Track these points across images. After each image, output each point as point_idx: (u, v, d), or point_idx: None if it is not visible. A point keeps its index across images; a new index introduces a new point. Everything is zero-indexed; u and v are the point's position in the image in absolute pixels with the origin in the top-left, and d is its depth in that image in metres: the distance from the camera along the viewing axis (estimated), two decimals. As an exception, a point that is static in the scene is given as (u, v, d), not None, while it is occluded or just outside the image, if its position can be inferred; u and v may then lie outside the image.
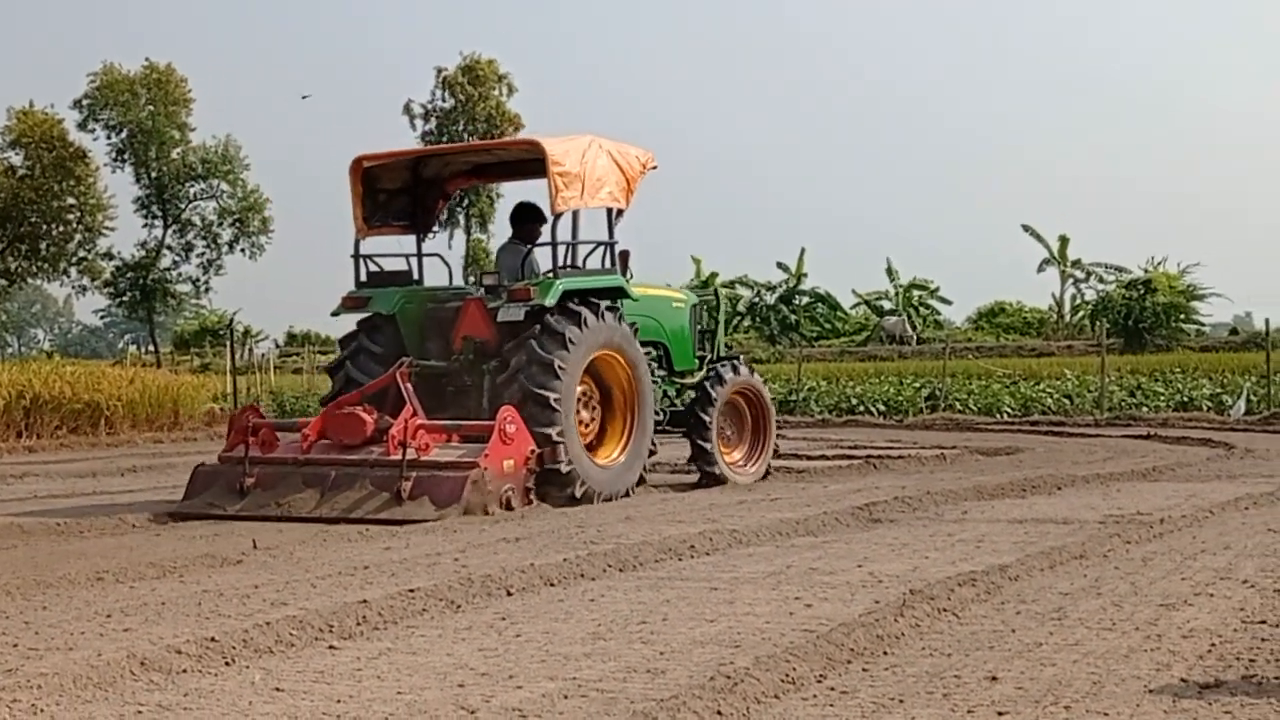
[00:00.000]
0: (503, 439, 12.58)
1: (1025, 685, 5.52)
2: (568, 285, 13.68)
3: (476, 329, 13.99)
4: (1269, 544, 9.48)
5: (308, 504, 12.53)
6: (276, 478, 12.96)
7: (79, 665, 6.07)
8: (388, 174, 15.24)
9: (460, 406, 13.87)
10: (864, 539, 10.26)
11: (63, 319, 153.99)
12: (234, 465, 13.22)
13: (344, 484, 12.57)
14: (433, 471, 12.43)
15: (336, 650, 6.55)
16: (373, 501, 12.33)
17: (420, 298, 14.60)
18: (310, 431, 13.33)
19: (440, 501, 12.12)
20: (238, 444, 13.34)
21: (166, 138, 57.51)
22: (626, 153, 14.79)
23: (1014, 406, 30.68)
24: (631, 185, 14.75)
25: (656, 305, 15.58)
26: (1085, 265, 70.29)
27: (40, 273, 56.82)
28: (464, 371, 14.08)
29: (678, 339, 15.82)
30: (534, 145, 14.25)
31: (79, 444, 25.25)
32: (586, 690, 5.64)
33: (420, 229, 15.49)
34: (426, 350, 14.24)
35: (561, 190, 13.70)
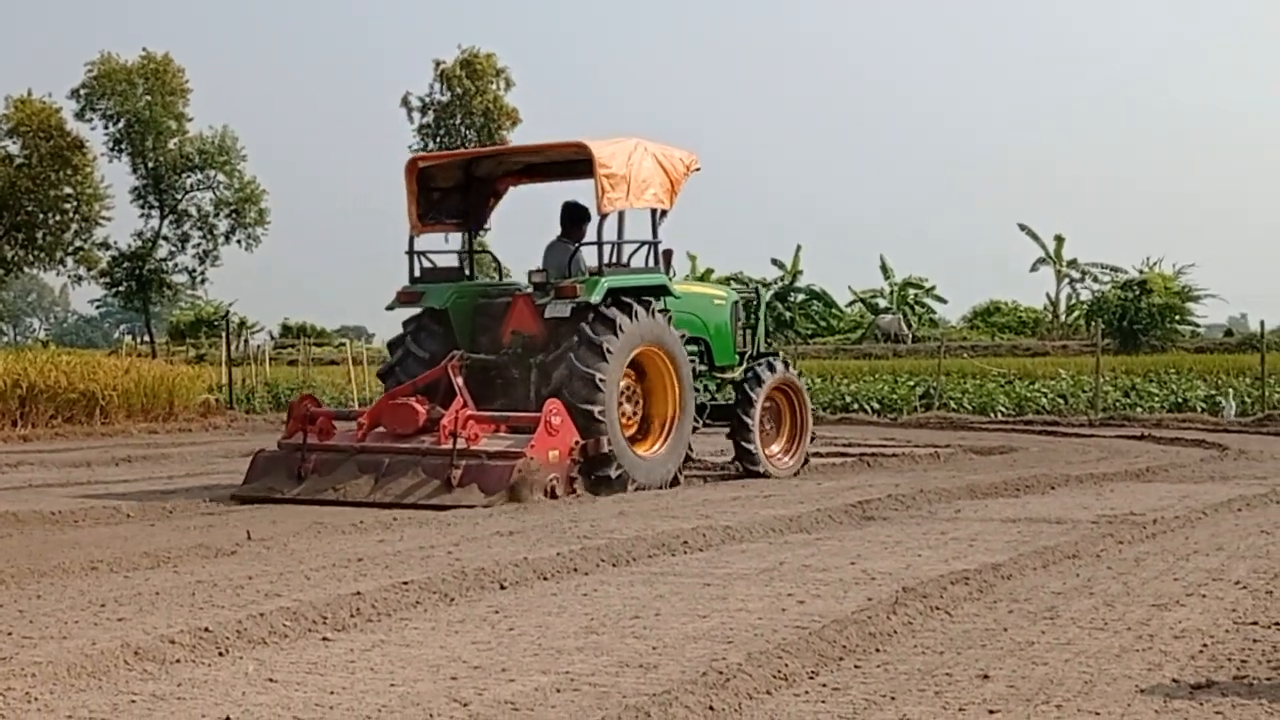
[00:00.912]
0: (549, 430, 13.16)
1: (1017, 684, 5.53)
2: (612, 283, 14.19)
3: (525, 324, 14.57)
4: (1261, 545, 9.50)
5: (362, 489, 13.08)
6: (333, 464, 13.57)
7: (73, 654, 6.08)
8: (441, 173, 15.85)
9: (508, 398, 14.45)
10: (857, 536, 10.27)
11: (58, 308, 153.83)
12: (293, 452, 13.87)
13: (397, 471, 13.13)
14: (481, 460, 12.98)
15: (330, 642, 6.56)
16: (424, 488, 12.86)
17: (471, 293, 15.25)
18: (366, 420, 13.97)
19: (488, 489, 12.65)
20: (296, 431, 14.03)
21: (164, 128, 57.35)
22: (670, 155, 15.29)
23: (1008, 406, 30.73)
24: (675, 186, 15.27)
25: (698, 302, 16.22)
26: (1081, 265, 70.33)
27: (36, 262, 56.66)
28: (512, 365, 14.65)
29: (719, 335, 16.41)
30: (582, 148, 14.63)
31: (74, 433, 25.25)
32: (579, 684, 5.65)
33: (472, 226, 16.20)
34: (476, 344, 14.84)
35: (608, 191, 14.25)
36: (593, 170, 14.23)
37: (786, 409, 16.70)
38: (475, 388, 14.03)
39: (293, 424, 14.26)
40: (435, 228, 15.80)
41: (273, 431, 26.86)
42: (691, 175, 15.64)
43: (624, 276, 14.58)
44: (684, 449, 15.03)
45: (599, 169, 14.17)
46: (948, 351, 39.70)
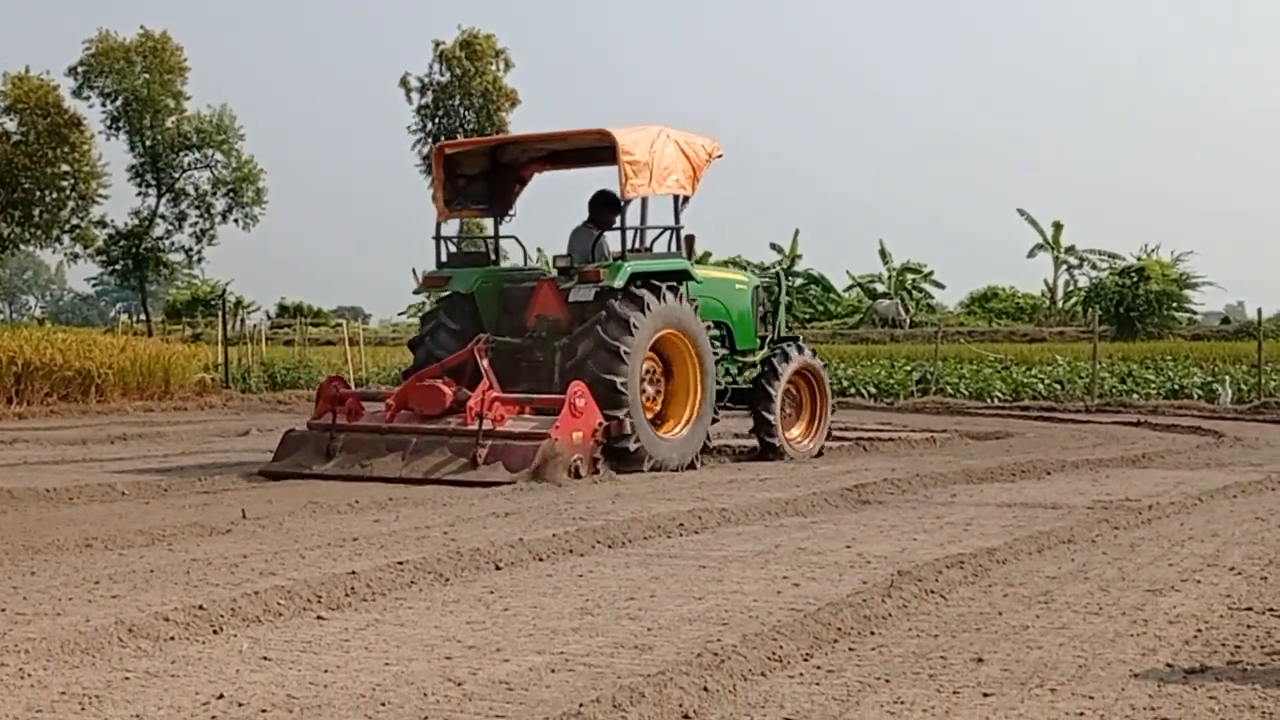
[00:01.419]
0: (573, 412, 13.41)
1: (1011, 667, 5.53)
2: (635, 268, 14.49)
3: (549, 308, 14.88)
4: (1256, 531, 9.50)
5: (390, 467, 13.37)
6: (361, 443, 13.86)
7: (67, 631, 6.08)
8: (468, 160, 16.13)
9: (532, 380, 14.69)
10: (853, 520, 10.27)
11: (55, 286, 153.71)
12: (322, 431, 14.12)
13: (424, 450, 13.43)
14: (507, 441, 13.25)
15: (324, 621, 6.56)
16: (451, 465, 13.17)
17: (497, 277, 15.54)
18: (393, 402, 14.22)
19: (513, 468, 12.91)
20: (325, 412, 14.32)
21: (161, 106, 57.27)
22: (693, 142, 15.51)
23: (1005, 391, 30.71)
24: (698, 173, 15.52)
25: (719, 287, 16.45)
26: (1079, 251, 70.37)
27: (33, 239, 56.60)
28: (536, 348, 14.94)
29: (740, 319, 16.64)
30: (606, 135, 14.84)
31: (69, 411, 25.24)
32: (574, 665, 5.65)
33: (497, 212, 16.30)
34: (501, 327, 15.14)
35: (631, 178, 14.49)
36: (616, 157, 14.45)
37: (806, 393, 17.01)
38: (500, 370, 14.28)
39: (322, 404, 14.54)
40: (462, 213, 16.37)
41: (269, 411, 26.91)
42: (713, 162, 15.91)
43: (647, 261, 14.87)
44: (704, 433, 15.31)
45: (623, 156, 14.41)
46: (945, 337, 39.70)
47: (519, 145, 16.60)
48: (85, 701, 5.10)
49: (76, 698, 5.15)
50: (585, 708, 4.78)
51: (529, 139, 16.35)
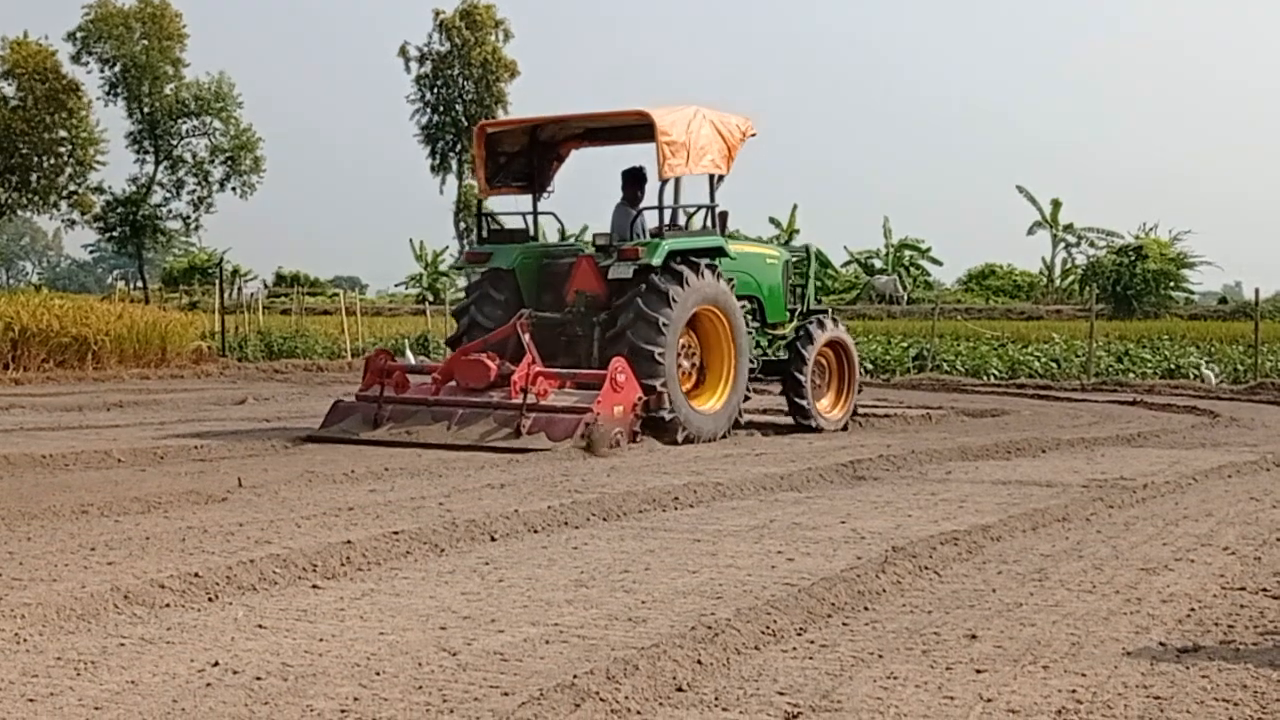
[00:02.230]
0: (614, 387, 13.88)
1: (1004, 644, 5.55)
2: (673, 245, 14.89)
3: (588, 284, 15.27)
4: (1251, 512, 9.52)
5: (436, 435, 13.80)
6: (408, 414, 14.32)
7: (62, 596, 6.09)
8: (508, 138, 16.50)
9: (571, 355, 15.16)
10: (848, 496, 10.29)
11: (51, 253, 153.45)
12: (370, 402, 14.62)
13: (470, 421, 13.90)
14: (550, 414, 13.71)
15: (320, 589, 6.57)
16: (495, 434, 13.63)
17: (536, 253, 15.96)
18: (439, 375, 14.75)
19: (555, 438, 13.36)
20: (373, 384, 14.80)
21: (160, 73, 57.20)
22: (727, 121, 15.86)
23: (1001, 369, 30.73)
24: (732, 152, 15.87)
25: (752, 262, 16.75)
26: (1077, 229, 70.29)
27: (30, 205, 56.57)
28: (575, 323, 15.33)
29: (771, 293, 17.00)
30: (644, 115, 15.15)
31: (66, 377, 25.22)
32: (568, 636, 5.66)
33: (536, 189, 16.58)
34: (541, 302, 15.51)
35: (669, 158, 14.89)
36: (654, 137, 14.79)
37: (835, 365, 17.39)
38: (540, 344, 14.63)
39: (370, 376, 14.97)
40: (502, 191, 16.50)
41: (265, 380, 26.92)
42: (747, 141, 16.15)
43: (684, 239, 15.28)
44: (737, 406, 15.61)
45: (660, 136, 14.77)
46: (942, 314, 39.69)
47: (557, 124, 16.73)
48: (80, 667, 5.11)
49: (72, 663, 5.16)
50: (579, 679, 4.79)
51: (568, 118, 16.54)
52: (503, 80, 62.66)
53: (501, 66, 62.57)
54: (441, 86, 63.18)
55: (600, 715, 4.47)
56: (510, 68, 62.99)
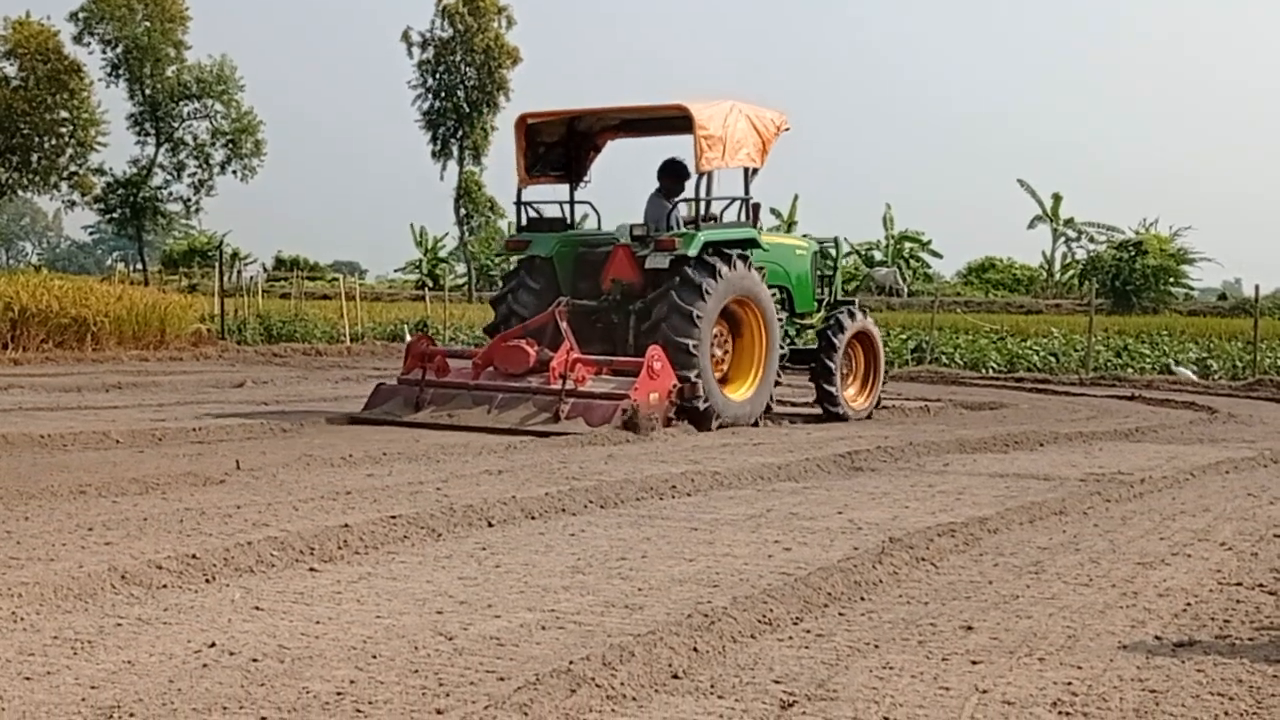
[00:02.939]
0: (650, 374, 14.27)
1: (1000, 636, 5.55)
2: (708, 237, 15.30)
3: (624, 272, 15.59)
4: (1248, 508, 9.52)
5: (477, 418, 14.18)
6: (449, 397, 14.72)
7: (60, 576, 6.10)
8: (547, 129, 16.75)
9: (607, 341, 15.53)
10: (845, 486, 10.29)
11: (51, 233, 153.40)
12: (412, 386, 15.02)
13: (509, 405, 14.32)
14: (588, 400, 14.13)
15: (317, 572, 6.58)
16: (535, 418, 14.02)
17: (573, 242, 16.32)
18: (479, 360, 15.13)
19: (593, 424, 13.74)
20: (414, 368, 15.22)
21: (162, 55, 57.15)
22: (762, 116, 16.20)
23: (1000, 362, 30.74)
24: (767, 146, 16.24)
25: (782, 252, 17.19)
26: (1077, 224, 70.35)
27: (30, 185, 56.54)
28: (611, 310, 15.69)
29: (800, 283, 17.41)
30: (682, 109, 15.51)
31: (65, 358, 25.22)
32: (564, 622, 5.67)
33: (573, 179, 16.97)
34: (577, 290, 15.87)
35: (706, 151, 15.24)
36: (692, 130, 15.13)
37: (861, 355, 17.74)
38: (576, 330, 14.96)
39: (411, 361, 15.36)
40: (540, 180, 16.79)
41: (264, 363, 26.92)
42: (781, 135, 16.47)
43: (719, 230, 15.65)
44: (768, 394, 16.02)
45: (698, 130, 15.09)
46: (941, 306, 39.69)
47: (596, 115, 17.02)
48: (77, 646, 5.12)
49: (69, 642, 5.17)
50: (575, 665, 4.80)
51: (607, 110, 16.91)
52: (505, 67, 62.59)
53: (504, 53, 62.51)
54: (443, 72, 63.11)
55: (596, 701, 4.47)
56: (512, 54, 62.92)
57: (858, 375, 17.75)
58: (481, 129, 63.02)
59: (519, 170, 16.50)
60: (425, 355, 15.21)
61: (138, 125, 58.69)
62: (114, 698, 4.50)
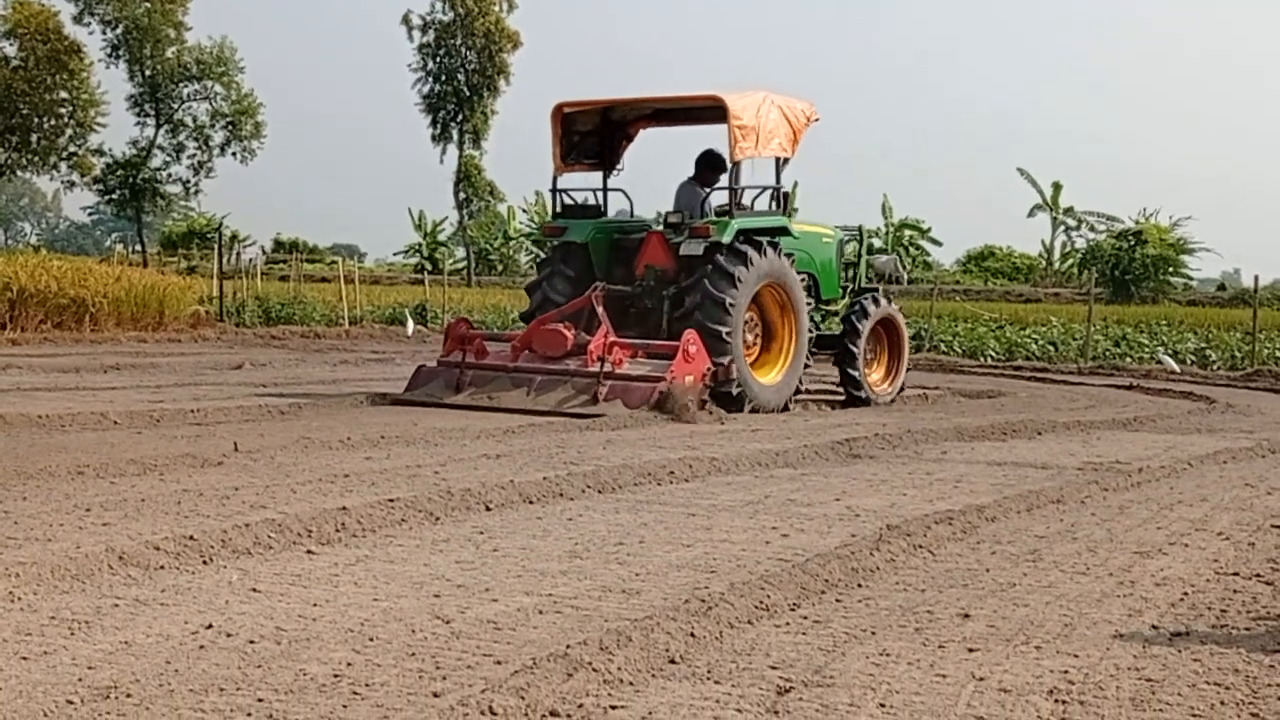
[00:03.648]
0: (685, 358, 14.58)
1: (997, 624, 5.55)
2: (741, 225, 15.68)
3: (657, 259, 15.97)
4: (1245, 498, 9.53)
5: (516, 400, 14.57)
6: (488, 379, 15.09)
7: (57, 556, 6.10)
8: (582, 118, 17.05)
9: (640, 326, 15.85)
10: (843, 473, 10.29)
11: (50, 214, 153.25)
12: (451, 368, 15.32)
13: (548, 387, 14.67)
14: (625, 382, 14.46)
15: (314, 555, 6.58)
16: (574, 400, 14.37)
17: (608, 229, 16.59)
18: (518, 343, 15.43)
19: (631, 406, 14.09)
20: (454, 350, 15.54)
21: (162, 36, 57.04)
22: (793, 106, 16.55)
23: (999, 351, 30.75)
24: (797, 136, 16.58)
25: (810, 240, 17.44)
26: (1077, 213, 70.30)
27: (30, 165, 56.46)
28: (645, 295, 16.01)
29: (825, 271, 17.79)
30: (716, 99, 15.83)
31: (63, 339, 25.22)
32: (561, 607, 5.67)
33: (607, 167, 17.25)
34: (611, 275, 16.18)
35: (739, 141, 15.58)
36: (725, 120, 15.46)
37: (885, 341, 18.16)
38: (610, 315, 15.25)
39: (450, 343, 15.70)
40: (575, 168, 17.11)
41: (262, 345, 26.92)
42: (811, 125, 16.82)
43: (751, 219, 16.00)
44: (797, 378, 16.40)
45: (732, 120, 15.42)
46: (940, 294, 39.69)
47: (629, 105, 17.27)
48: (74, 626, 5.12)
49: (66, 623, 5.17)
50: (572, 649, 4.80)
51: (641, 100, 17.16)
52: (505, 51, 62.48)
53: (504, 37, 62.39)
54: (444, 56, 63.00)
55: (593, 685, 4.47)
56: (513, 38, 62.80)
57: (882, 361, 18.15)
58: (481, 113, 62.94)
59: (555, 158, 16.75)
60: (464, 338, 15.52)
61: (137, 106, 58.59)
62: (111, 678, 4.50)
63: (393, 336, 31.58)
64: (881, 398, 17.66)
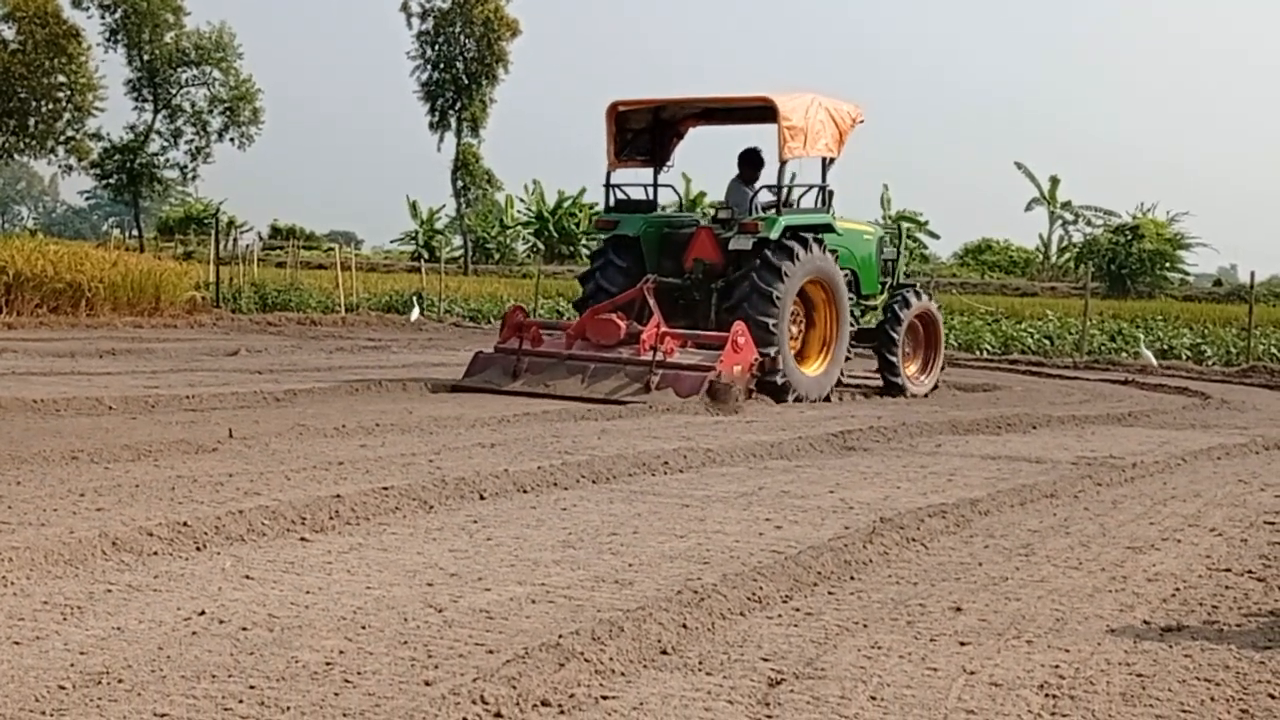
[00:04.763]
0: (734, 348, 15.03)
1: (989, 618, 5.56)
2: (788, 221, 16.25)
3: (706, 253, 16.53)
4: (1239, 494, 9.54)
5: (571, 387, 15.06)
6: (544, 366, 15.58)
7: (51, 541, 6.10)
8: (635, 116, 17.60)
9: (688, 317, 16.43)
10: (837, 466, 10.30)
11: (48, 198, 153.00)
12: (508, 355, 15.81)
13: (602, 375, 15.18)
14: (677, 370, 14.95)
15: (308, 542, 6.58)
16: (627, 388, 14.84)
17: (658, 223, 17.21)
18: (573, 332, 15.92)
19: (682, 394, 14.57)
20: (510, 338, 16.05)
21: (160, 20, 56.96)
22: (840, 108, 17.16)
23: (994, 344, 30.74)
24: (843, 137, 17.19)
25: (852, 237, 18.04)
26: (1074, 207, 70.28)
27: (27, 149, 56.36)
28: (694, 288, 16.57)
29: (865, 266, 18.28)
30: (767, 100, 16.39)
31: (59, 324, 25.19)
32: (554, 596, 5.68)
33: (657, 163, 17.81)
34: (661, 268, 16.68)
35: (788, 141, 16.15)
36: (776, 121, 16.02)
37: (923, 334, 18.63)
38: (660, 306, 15.76)
39: (507, 331, 16.24)
40: (628, 164, 17.68)
41: (258, 332, 26.89)
42: (857, 127, 17.44)
43: (797, 216, 16.58)
44: (839, 369, 17.08)
45: (782, 121, 16.00)
46: (937, 287, 39.66)
47: (680, 104, 17.75)
48: (67, 612, 5.13)
49: (58, 608, 5.18)
50: (564, 639, 4.81)
51: (693, 100, 17.70)
52: (504, 39, 62.38)
53: (503, 25, 62.28)
54: (443, 43, 62.89)
55: (584, 676, 4.48)
56: (512, 26, 62.70)
57: (919, 354, 18.60)
58: (480, 101, 62.84)
59: (609, 154, 17.26)
60: (521, 326, 15.97)
61: (135, 91, 58.52)
62: (103, 664, 4.51)
63: (389, 324, 31.55)
64: (918, 389, 18.13)
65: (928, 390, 18.35)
